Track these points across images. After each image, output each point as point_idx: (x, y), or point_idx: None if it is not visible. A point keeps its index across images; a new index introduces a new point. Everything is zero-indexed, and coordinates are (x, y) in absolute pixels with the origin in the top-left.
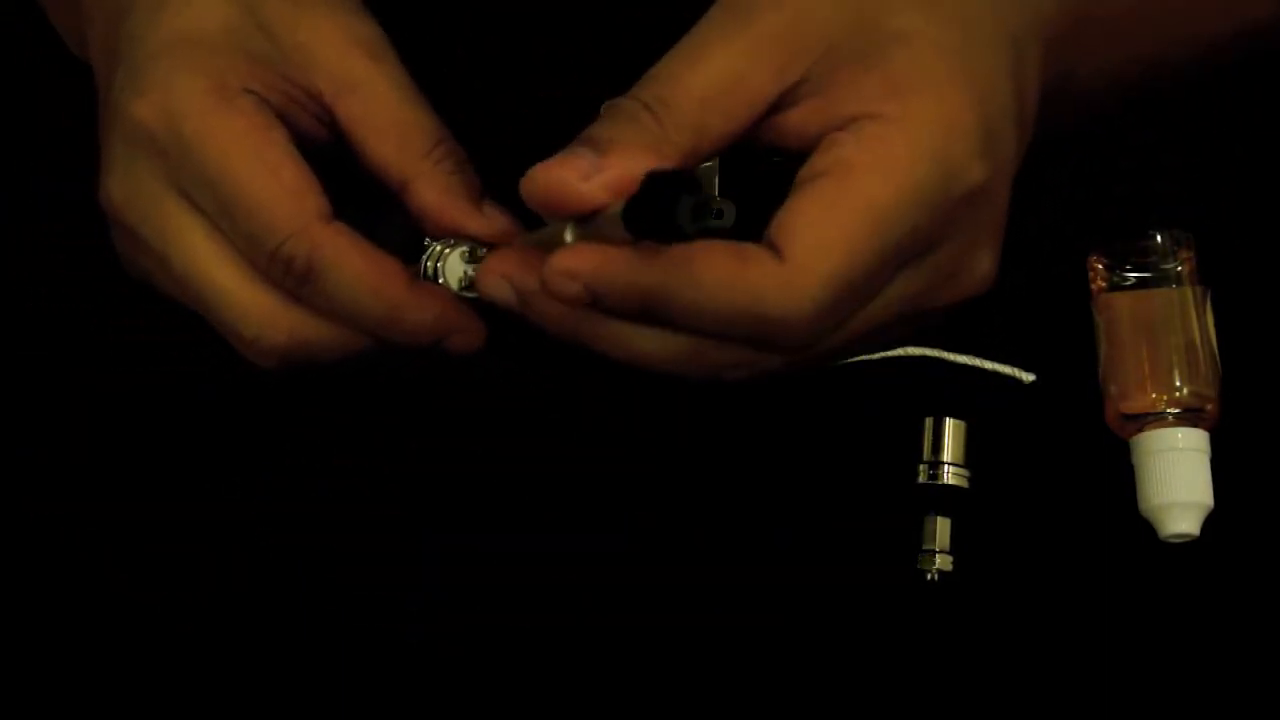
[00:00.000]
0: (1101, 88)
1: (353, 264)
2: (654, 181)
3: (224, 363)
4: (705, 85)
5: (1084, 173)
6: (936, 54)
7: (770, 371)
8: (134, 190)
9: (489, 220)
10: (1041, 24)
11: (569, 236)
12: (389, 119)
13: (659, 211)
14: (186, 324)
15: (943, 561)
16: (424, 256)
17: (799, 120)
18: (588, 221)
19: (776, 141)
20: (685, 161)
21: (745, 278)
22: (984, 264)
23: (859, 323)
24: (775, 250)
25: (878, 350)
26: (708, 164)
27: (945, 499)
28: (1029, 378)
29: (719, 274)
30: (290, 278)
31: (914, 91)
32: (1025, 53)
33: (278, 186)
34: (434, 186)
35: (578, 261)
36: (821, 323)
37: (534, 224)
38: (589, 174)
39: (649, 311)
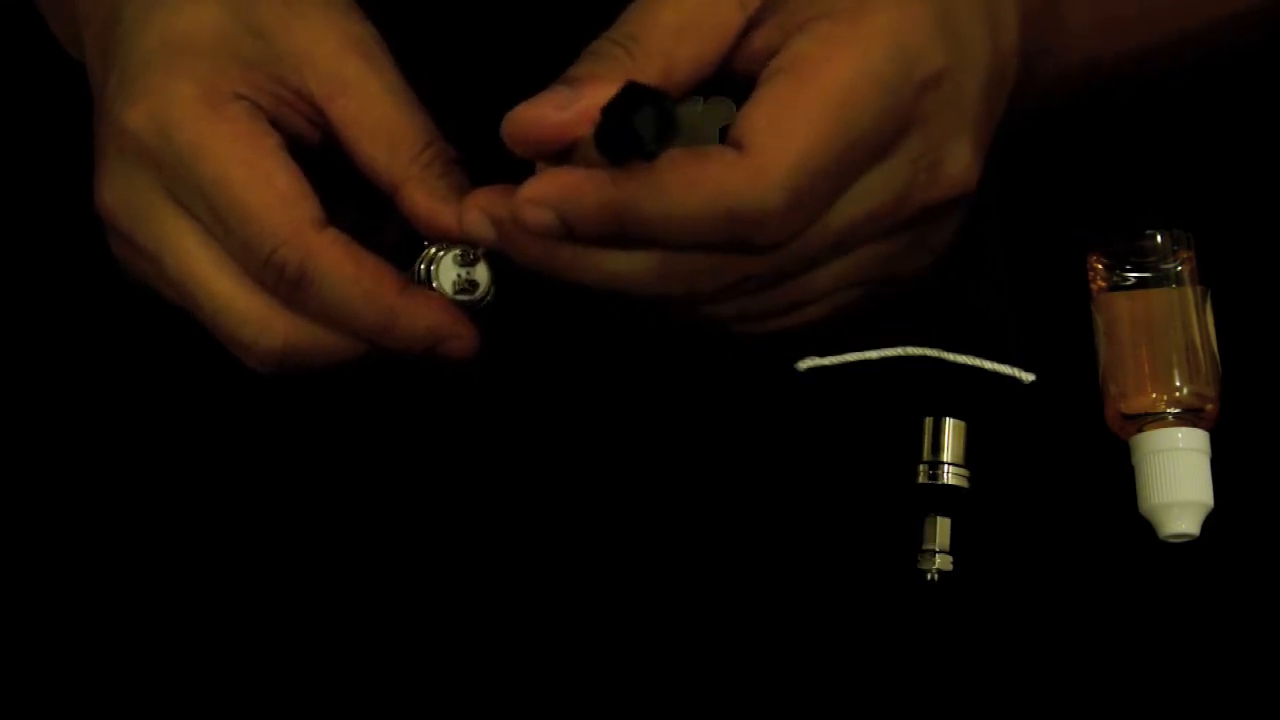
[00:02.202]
0: (1083, 51)
1: (345, 271)
2: (617, 98)
3: (223, 363)
4: (673, 17)
5: (1084, 173)
6: None
7: (752, 280)
8: (128, 197)
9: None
10: None
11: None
12: (380, 120)
13: (621, 127)
14: (186, 325)
15: (943, 561)
16: (417, 260)
17: (763, 39)
18: (570, 160)
19: (746, 66)
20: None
21: (710, 176)
22: (962, 156)
23: (841, 218)
24: (737, 146)
25: (882, 276)
26: (724, 100)
27: (945, 499)
28: (1029, 378)
29: (683, 177)
30: (283, 284)
31: None
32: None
33: (270, 193)
34: (423, 190)
35: (545, 188)
36: (794, 211)
37: None
38: (565, 106)
39: (623, 230)
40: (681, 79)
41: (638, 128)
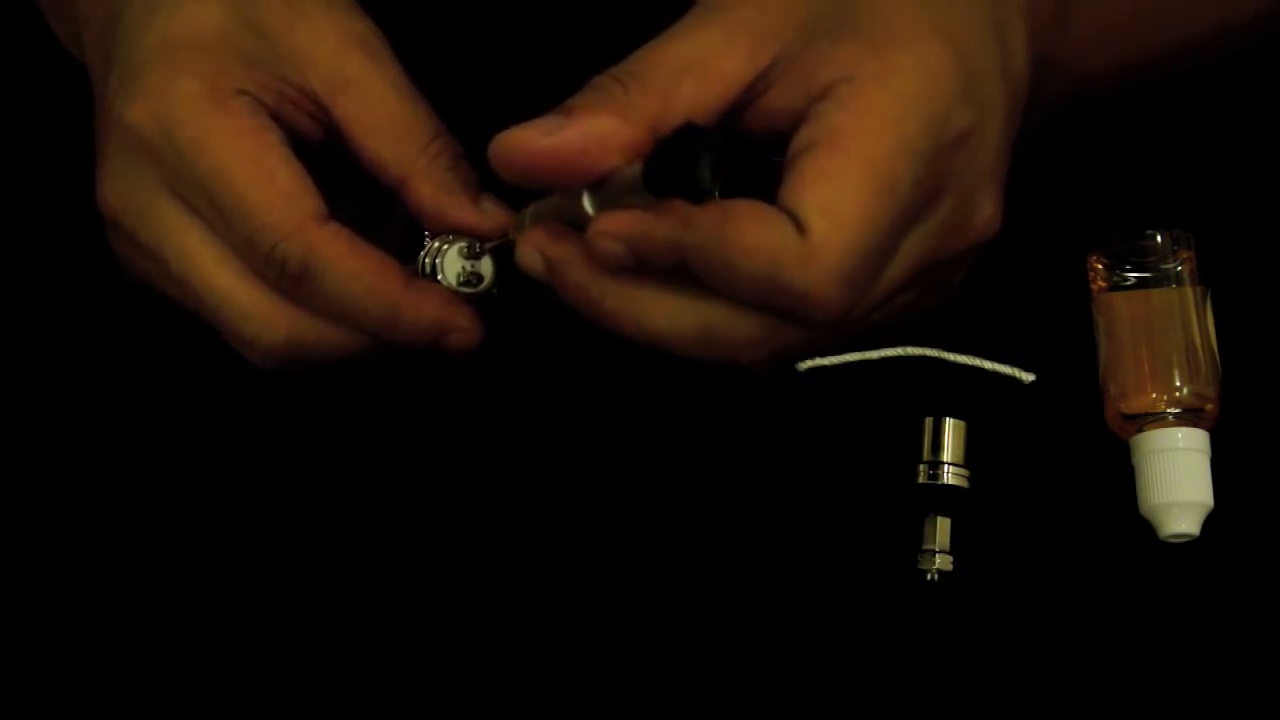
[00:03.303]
0: (1089, 66)
1: (348, 265)
2: (676, 137)
3: (224, 362)
4: (673, 59)
5: (1084, 173)
6: (911, 12)
7: (791, 349)
8: (129, 194)
9: (486, 215)
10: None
11: (586, 200)
12: (385, 116)
13: (681, 168)
14: (186, 324)
15: (943, 561)
16: (421, 253)
17: (780, 98)
18: (601, 187)
19: (763, 125)
20: (653, 127)
21: (769, 247)
22: (985, 207)
23: (881, 288)
24: (795, 222)
25: (900, 316)
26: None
27: (945, 499)
28: (1029, 378)
29: (746, 241)
30: (286, 279)
31: (889, 48)
32: (1007, 11)
33: (271, 189)
34: (430, 183)
35: (619, 224)
36: (849, 296)
37: None
38: (551, 131)
39: (684, 268)
40: (676, 122)
41: (697, 172)
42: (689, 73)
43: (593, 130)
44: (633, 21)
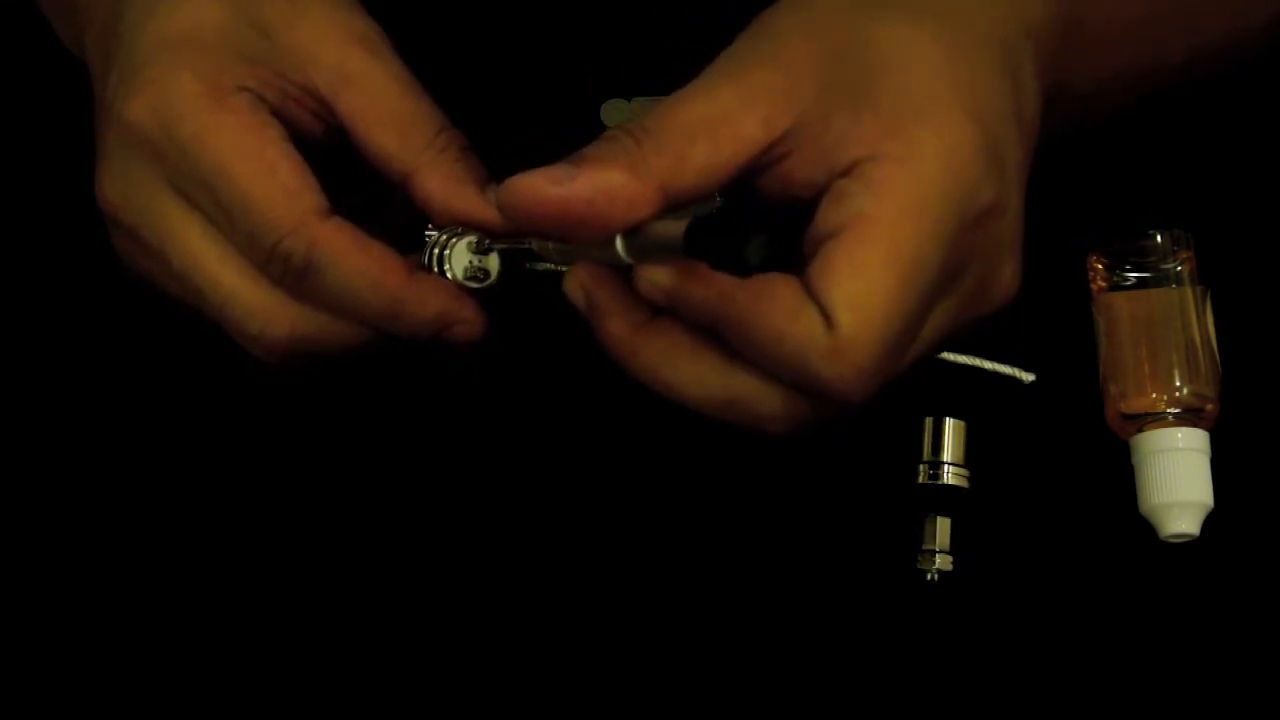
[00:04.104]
0: (1098, 90)
1: (351, 259)
2: (729, 211)
3: (224, 362)
4: (689, 118)
5: (1084, 173)
6: (928, 77)
7: (811, 424)
8: (130, 191)
9: (494, 206)
10: (1032, 27)
11: (619, 245)
12: (389, 110)
13: (729, 244)
14: (187, 322)
15: (943, 561)
16: (429, 244)
17: (801, 167)
18: (636, 234)
19: (782, 191)
20: (664, 187)
21: (799, 336)
22: (1006, 276)
23: (905, 364)
24: (822, 312)
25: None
26: (707, 204)
27: (945, 499)
28: (1029, 378)
29: (779, 325)
30: (289, 274)
31: (912, 125)
32: (1018, 52)
33: (273, 184)
34: (438, 175)
35: (664, 276)
36: (873, 386)
37: None
38: (561, 181)
39: (714, 326)
40: (688, 182)
41: (745, 251)
42: (703, 133)
43: (601, 183)
44: (631, 19)
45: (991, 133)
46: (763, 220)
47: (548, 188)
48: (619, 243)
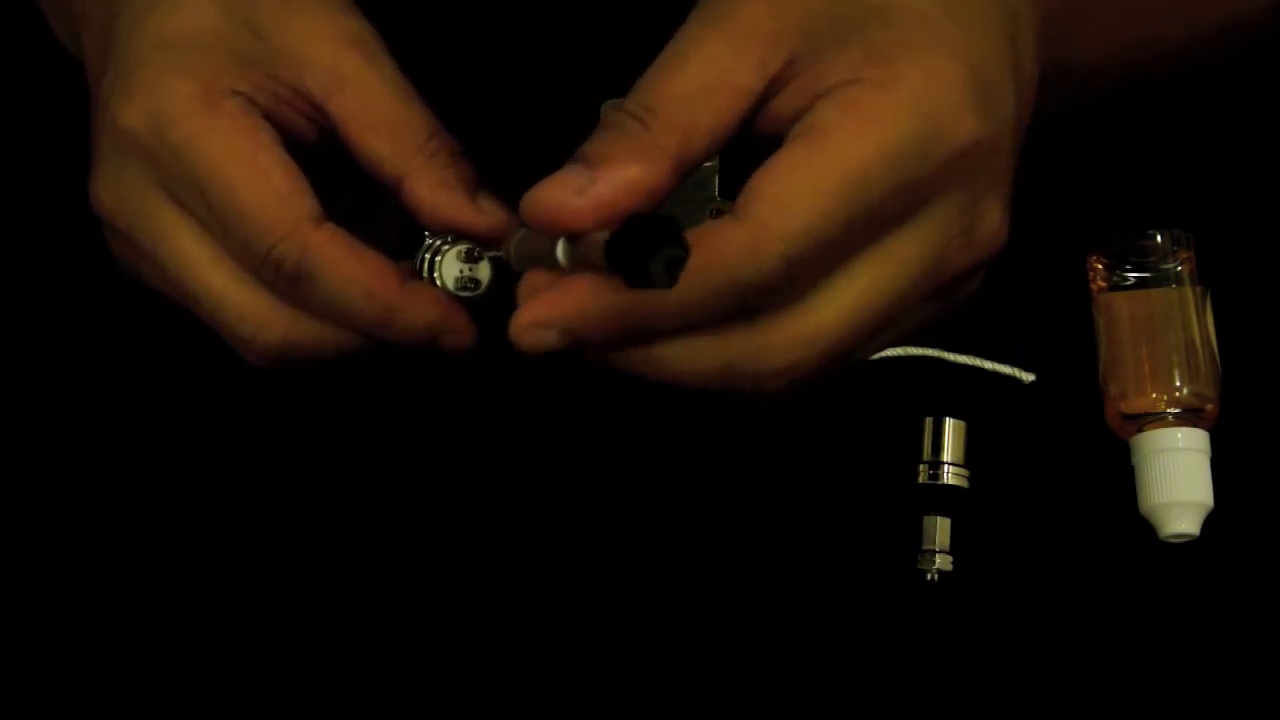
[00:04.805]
0: (1097, 66)
1: (343, 266)
2: (635, 225)
3: (222, 362)
4: (688, 87)
5: (1084, 173)
6: (918, 22)
7: (812, 377)
8: (125, 195)
9: (484, 214)
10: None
11: (560, 253)
12: (382, 113)
13: (634, 258)
14: (184, 323)
15: (943, 561)
16: (420, 251)
17: (787, 103)
18: (579, 240)
19: (770, 129)
20: (679, 164)
21: (710, 252)
22: (992, 219)
23: (870, 294)
24: (736, 215)
25: (913, 331)
26: (708, 164)
27: (945, 499)
28: (1029, 378)
29: (689, 270)
30: (282, 281)
31: (895, 56)
32: (1018, 15)
33: (266, 190)
34: (428, 180)
35: (546, 310)
36: (798, 279)
37: None
38: (583, 188)
39: (632, 334)
40: (699, 150)
41: (652, 274)
42: (704, 97)
43: (620, 181)
44: (631, 19)
45: (982, 75)
46: (674, 233)
47: (572, 200)
48: (560, 247)
